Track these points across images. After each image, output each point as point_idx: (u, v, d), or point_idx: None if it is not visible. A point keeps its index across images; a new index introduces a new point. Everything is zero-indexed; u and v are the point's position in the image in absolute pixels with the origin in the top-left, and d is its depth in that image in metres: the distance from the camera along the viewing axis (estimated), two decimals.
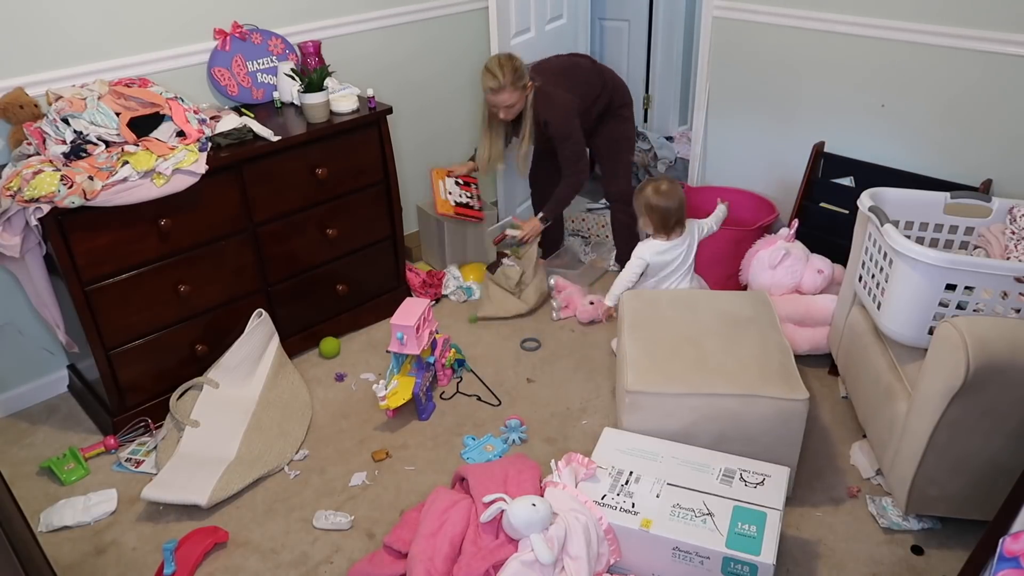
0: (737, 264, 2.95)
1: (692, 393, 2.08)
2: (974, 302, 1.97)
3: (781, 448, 2.10)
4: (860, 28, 2.75)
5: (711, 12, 3.19)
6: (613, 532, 1.89)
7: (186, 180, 2.31)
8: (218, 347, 2.60)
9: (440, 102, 3.51)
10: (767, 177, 3.27)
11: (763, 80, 3.13)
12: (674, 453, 2.05)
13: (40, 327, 2.66)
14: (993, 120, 2.54)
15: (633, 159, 3.32)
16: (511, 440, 2.48)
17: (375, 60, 3.20)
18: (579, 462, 2.02)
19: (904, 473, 1.98)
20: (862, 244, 2.28)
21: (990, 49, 2.46)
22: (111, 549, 2.15)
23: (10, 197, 2.09)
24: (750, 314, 2.37)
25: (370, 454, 2.45)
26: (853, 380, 2.38)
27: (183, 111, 2.43)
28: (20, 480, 2.39)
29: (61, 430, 2.60)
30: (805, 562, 2.04)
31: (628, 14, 4.54)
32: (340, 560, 2.09)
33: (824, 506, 2.20)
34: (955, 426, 1.85)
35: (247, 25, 2.81)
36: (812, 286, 2.75)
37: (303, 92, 2.67)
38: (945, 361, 1.79)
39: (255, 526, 2.21)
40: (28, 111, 2.32)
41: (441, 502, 2.00)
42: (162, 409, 2.54)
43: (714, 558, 1.81)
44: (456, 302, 3.26)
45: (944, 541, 2.07)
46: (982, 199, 2.27)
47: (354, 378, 2.81)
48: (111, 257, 2.31)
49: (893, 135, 2.80)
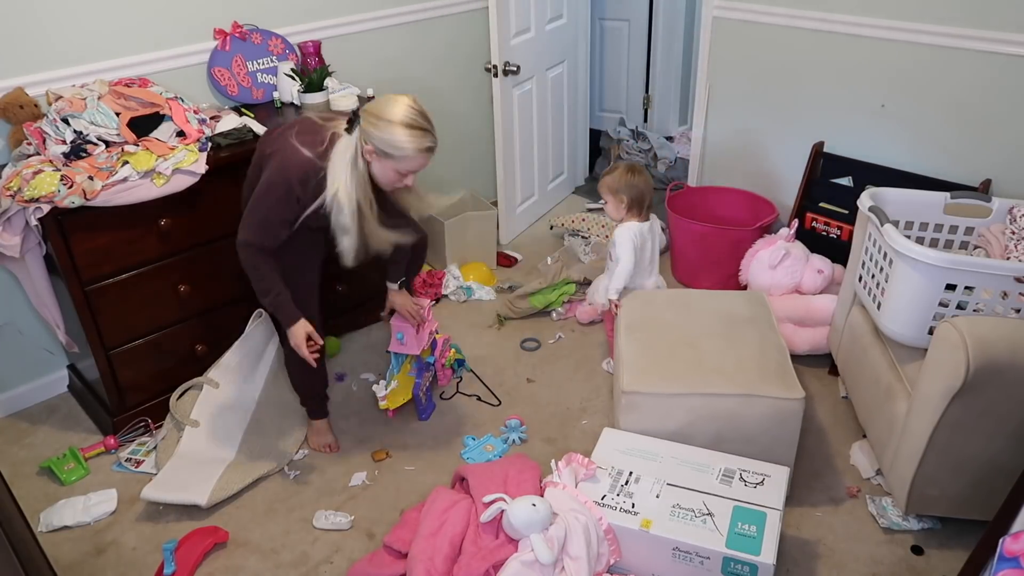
0: (737, 264, 2.95)
1: (689, 393, 2.08)
2: (974, 302, 1.97)
3: (778, 448, 2.10)
4: (860, 28, 2.75)
5: (711, 12, 3.19)
6: (613, 532, 1.89)
7: (186, 180, 2.31)
8: (218, 347, 2.60)
9: (440, 102, 3.51)
10: (767, 177, 3.27)
11: (763, 80, 3.13)
12: (674, 453, 2.05)
13: (40, 327, 2.66)
14: (993, 120, 2.54)
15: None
16: (511, 440, 2.48)
17: (375, 60, 3.20)
18: (579, 462, 2.02)
19: (904, 473, 1.98)
20: (862, 244, 2.28)
21: (990, 49, 2.46)
22: (111, 549, 2.15)
23: (10, 197, 2.09)
24: (747, 314, 2.38)
25: (370, 454, 2.45)
26: (853, 380, 2.38)
27: (183, 111, 2.43)
28: (20, 480, 2.39)
29: (61, 430, 2.60)
30: (805, 562, 2.04)
31: (628, 14, 4.54)
32: (340, 560, 2.09)
33: (824, 506, 2.20)
34: (955, 426, 1.85)
35: (247, 25, 2.81)
36: (812, 286, 2.75)
37: (303, 92, 2.67)
38: (945, 361, 1.79)
39: (255, 526, 2.21)
40: (28, 111, 2.32)
41: (441, 502, 2.00)
42: (162, 409, 2.54)
43: (714, 558, 1.81)
44: (456, 302, 3.26)
45: (944, 541, 2.07)
46: (982, 199, 2.27)
47: (354, 378, 2.81)
48: (111, 257, 2.31)
49: (893, 135, 2.80)
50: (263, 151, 2.11)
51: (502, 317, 3.12)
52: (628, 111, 4.79)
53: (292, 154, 1.98)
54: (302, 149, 1.98)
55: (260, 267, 2.04)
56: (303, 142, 1.99)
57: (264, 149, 2.11)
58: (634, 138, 4.39)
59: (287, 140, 2.01)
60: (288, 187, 1.97)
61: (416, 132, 1.93)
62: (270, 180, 1.99)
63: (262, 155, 2.11)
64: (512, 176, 3.59)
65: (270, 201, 1.99)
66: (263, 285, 2.07)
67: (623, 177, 2.60)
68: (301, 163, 1.97)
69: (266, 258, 2.04)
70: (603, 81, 4.83)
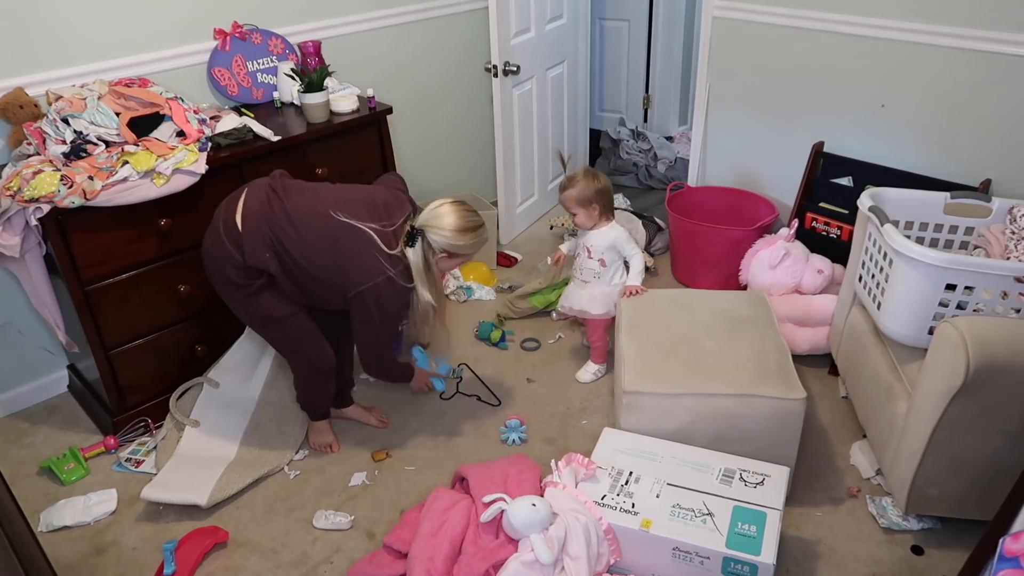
0: (737, 264, 2.95)
1: (689, 393, 2.08)
2: (974, 302, 1.97)
3: (779, 448, 2.10)
4: (860, 28, 2.75)
5: (711, 12, 3.19)
6: (613, 532, 1.89)
7: (186, 180, 2.31)
8: (218, 347, 2.60)
9: (440, 101, 3.51)
10: (767, 177, 3.27)
11: (763, 80, 3.13)
12: (674, 453, 2.05)
13: (40, 327, 2.66)
14: (992, 120, 2.53)
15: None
16: (511, 440, 2.48)
17: (375, 60, 3.20)
18: (579, 462, 2.02)
19: (904, 473, 1.98)
20: (862, 244, 2.28)
21: (990, 49, 2.46)
22: (111, 549, 2.15)
23: (10, 197, 2.09)
24: (748, 314, 2.37)
25: (370, 454, 2.45)
26: (853, 380, 2.38)
27: (183, 111, 2.43)
28: (20, 480, 2.39)
29: (61, 430, 2.60)
30: (805, 562, 2.04)
31: (628, 14, 4.55)
32: (340, 560, 2.09)
33: (824, 506, 2.20)
34: (955, 426, 1.85)
35: (247, 25, 2.81)
36: (812, 286, 2.75)
37: (303, 92, 2.67)
38: (945, 361, 1.79)
39: (255, 526, 2.21)
40: (28, 111, 2.32)
41: (441, 502, 2.00)
42: (162, 409, 2.54)
43: (714, 558, 1.81)
44: (456, 302, 3.26)
45: (944, 541, 2.07)
46: (982, 199, 2.27)
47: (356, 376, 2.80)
48: (111, 257, 2.31)
49: (892, 135, 2.80)
50: (323, 234, 2.07)
51: (502, 317, 3.12)
52: (628, 111, 4.79)
53: (395, 288, 2.10)
54: (399, 281, 2.10)
55: (396, 365, 2.40)
56: (392, 262, 2.10)
57: (325, 236, 2.07)
58: (634, 138, 4.39)
59: (382, 266, 2.07)
60: (400, 315, 2.19)
61: (478, 231, 2.21)
62: (389, 313, 2.14)
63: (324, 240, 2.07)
64: (512, 176, 3.59)
65: (393, 327, 2.21)
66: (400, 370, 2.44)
67: (590, 184, 2.52)
68: (405, 294, 2.14)
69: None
70: (603, 81, 4.83)
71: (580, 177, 2.54)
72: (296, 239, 2.05)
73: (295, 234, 2.05)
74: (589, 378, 2.76)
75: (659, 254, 3.56)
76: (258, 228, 2.06)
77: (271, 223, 2.06)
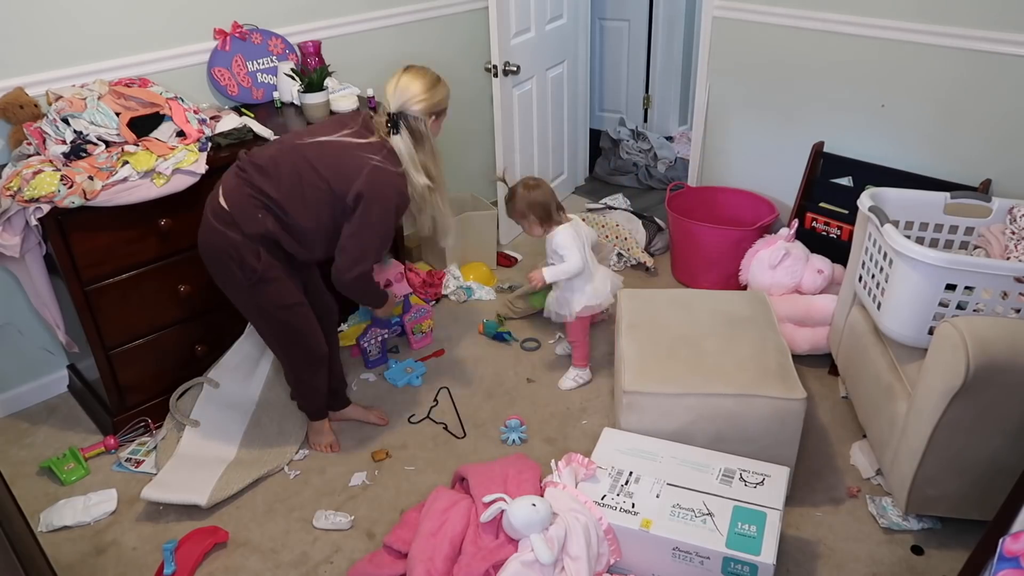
0: (737, 264, 2.95)
1: (689, 393, 2.08)
2: (974, 302, 1.97)
3: (779, 448, 2.10)
4: (860, 28, 2.75)
5: (711, 12, 3.19)
6: (613, 532, 1.89)
7: (186, 180, 2.31)
8: (218, 347, 2.60)
9: None
10: (767, 177, 3.27)
11: (763, 80, 3.13)
12: (674, 453, 2.05)
13: (40, 327, 2.66)
14: (992, 120, 2.53)
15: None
16: (511, 440, 2.48)
17: (375, 60, 3.20)
18: (579, 462, 2.02)
19: (904, 473, 1.98)
20: (862, 244, 2.28)
21: (990, 49, 2.46)
22: (111, 549, 2.15)
23: (10, 197, 2.09)
24: (748, 314, 2.38)
25: (370, 454, 2.45)
26: (853, 380, 2.38)
27: (183, 111, 2.43)
28: (20, 480, 2.39)
29: (61, 430, 2.60)
30: (805, 562, 2.04)
31: (628, 14, 4.55)
32: (340, 560, 2.09)
33: (824, 506, 2.20)
34: (955, 426, 1.85)
35: (247, 25, 2.81)
36: (812, 286, 2.75)
37: (303, 92, 2.67)
38: (945, 361, 1.79)
39: (255, 526, 2.21)
40: (28, 111, 2.32)
41: (441, 502, 2.00)
42: (162, 409, 2.54)
43: (714, 558, 1.81)
44: (456, 302, 3.26)
45: (944, 541, 2.07)
46: (982, 199, 2.27)
47: (354, 378, 2.81)
48: (111, 257, 2.31)
49: (892, 135, 2.80)
50: (296, 162, 2.07)
51: (502, 317, 3.12)
52: (628, 111, 4.79)
53: (385, 174, 2.07)
54: (388, 167, 2.08)
55: (372, 282, 2.27)
56: (372, 149, 2.08)
57: (299, 161, 2.07)
58: (634, 138, 4.39)
59: (363, 156, 2.06)
60: (399, 206, 2.14)
61: (442, 79, 2.20)
62: (384, 205, 2.08)
63: (300, 165, 2.07)
64: (512, 176, 3.58)
65: (389, 223, 2.12)
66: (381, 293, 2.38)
67: (523, 196, 2.54)
68: (397, 180, 2.10)
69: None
70: (603, 81, 4.84)
71: (517, 190, 2.59)
72: (277, 182, 2.06)
73: (275, 178, 2.06)
74: (570, 385, 2.73)
75: (659, 254, 3.56)
76: (241, 196, 2.07)
77: (250, 185, 2.07)
